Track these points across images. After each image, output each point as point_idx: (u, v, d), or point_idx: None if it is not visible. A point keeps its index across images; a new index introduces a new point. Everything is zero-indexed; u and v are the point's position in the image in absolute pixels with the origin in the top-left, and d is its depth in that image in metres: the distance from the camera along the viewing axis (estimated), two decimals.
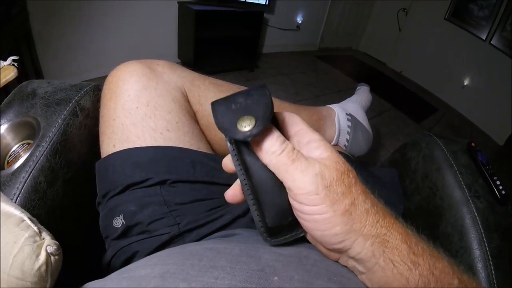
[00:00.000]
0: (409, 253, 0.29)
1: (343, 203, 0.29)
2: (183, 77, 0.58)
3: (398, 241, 0.29)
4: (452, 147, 0.71)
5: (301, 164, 0.29)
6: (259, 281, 0.29)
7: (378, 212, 0.30)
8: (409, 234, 0.30)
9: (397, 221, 0.31)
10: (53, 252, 0.32)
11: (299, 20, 3.58)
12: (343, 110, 0.90)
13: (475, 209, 0.60)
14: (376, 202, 0.31)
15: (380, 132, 2.33)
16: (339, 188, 0.29)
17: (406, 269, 0.28)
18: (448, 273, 0.29)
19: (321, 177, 0.29)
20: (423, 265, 0.29)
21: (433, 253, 0.30)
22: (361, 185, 0.31)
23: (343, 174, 0.30)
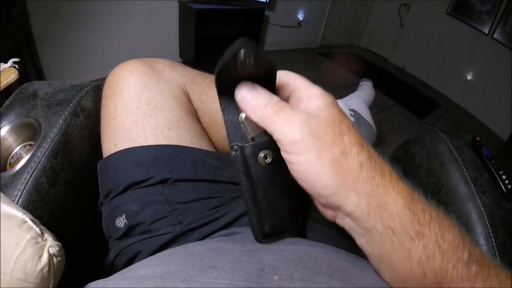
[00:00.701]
0: (413, 221, 0.26)
1: (331, 151, 0.27)
2: (184, 75, 0.58)
3: (399, 206, 0.27)
4: (456, 142, 0.71)
5: (285, 113, 0.29)
6: (258, 281, 0.29)
7: (375, 168, 0.28)
8: (414, 199, 0.28)
9: (400, 182, 0.28)
10: (55, 253, 0.32)
11: (300, 17, 3.57)
12: (346, 106, 0.90)
13: (481, 204, 0.59)
14: (375, 157, 0.29)
15: (382, 129, 2.32)
16: (328, 136, 0.28)
17: (408, 239, 0.26)
18: (457, 246, 0.26)
19: (307, 124, 0.28)
20: (429, 236, 0.26)
21: (443, 222, 0.27)
22: (358, 136, 0.29)
23: (334, 123, 0.28)
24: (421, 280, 0.27)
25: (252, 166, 0.33)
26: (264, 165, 0.33)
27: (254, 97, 0.31)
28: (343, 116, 0.29)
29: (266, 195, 0.35)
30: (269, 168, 0.34)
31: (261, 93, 0.31)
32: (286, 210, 0.36)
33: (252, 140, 0.33)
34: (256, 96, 0.31)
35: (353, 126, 0.29)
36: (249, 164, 0.33)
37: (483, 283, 0.26)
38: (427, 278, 0.26)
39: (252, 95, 0.31)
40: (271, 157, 0.33)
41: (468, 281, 0.25)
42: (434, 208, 0.28)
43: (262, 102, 0.30)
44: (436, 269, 0.26)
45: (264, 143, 0.33)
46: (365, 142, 0.29)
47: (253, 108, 0.31)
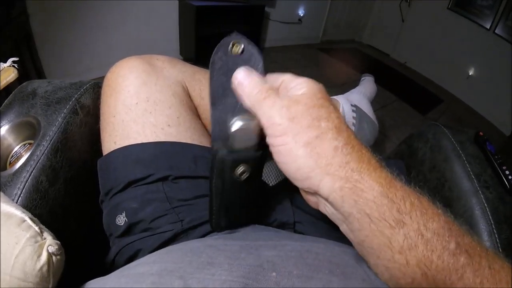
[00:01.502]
0: (391, 209, 0.26)
1: (306, 135, 0.28)
2: (184, 71, 0.57)
3: (376, 193, 0.27)
4: (459, 137, 0.70)
5: (271, 99, 0.30)
6: (256, 277, 0.29)
7: (350, 153, 0.28)
8: (394, 187, 0.27)
9: (379, 169, 0.28)
10: (54, 252, 0.32)
11: (300, 13, 3.56)
12: (347, 101, 0.89)
13: (484, 199, 0.59)
14: (354, 143, 0.29)
15: (385, 124, 2.31)
16: (304, 121, 0.29)
17: (387, 226, 0.26)
18: (443, 235, 0.26)
19: (287, 109, 0.29)
20: (410, 225, 0.26)
21: (426, 211, 0.27)
22: (337, 122, 0.30)
23: (313, 108, 0.29)
24: (404, 269, 0.27)
25: (226, 175, 0.35)
26: (239, 178, 0.35)
27: (249, 84, 0.32)
28: (325, 102, 0.30)
29: (231, 198, 0.37)
30: (242, 183, 0.36)
31: (255, 79, 0.32)
32: (244, 212, 0.40)
33: (234, 152, 0.34)
34: (250, 83, 0.32)
35: (334, 112, 0.30)
36: (224, 171, 0.35)
37: (473, 274, 0.25)
38: (411, 267, 0.26)
39: (248, 82, 0.32)
40: (248, 173, 0.35)
41: (456, 272, 0.25)
42: (417, 196, 0.28)
43: (254, 88, 0.32)
44: (420, 259, 0.26)
45: (248, 157, 0.34)
46: (345, 128, 0.30)
47: (247, 94, 0.32)
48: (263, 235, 0.42)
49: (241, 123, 0.33)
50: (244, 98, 0.32)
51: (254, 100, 0.31)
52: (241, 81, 0.33)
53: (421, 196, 0.28)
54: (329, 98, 0.31)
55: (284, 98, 0.30)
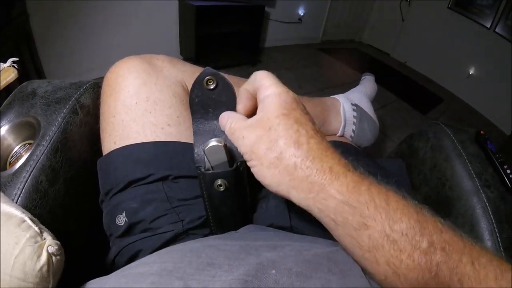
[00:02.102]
0: (354, 214, 0.28)
1: (267, 158, 0.32)
2: (184, 71, 0.57)
3: (336, 201, 0.29)
4: (460, 136, 0.70)
5: (236, 132, 0.36)
6: (256, 274, 0.29)
7: (310, 167, 0.30)
8: (357, 192, 0.29)
9: (343, 176, 0.30)
10: (54, 252, 0.31)
11: (301, 12, 3.56)
12: (348, 100, 0.89)
13: (485, 198, 0.59)
14: (313, 155, 0.31)
15: (385, 124, 2.31)
16: (263, 145, 0.32)
17: (352, 229, 0.29)
18: (412, 236, 0.27)
19: (247, 138, 0.34)
20: (374, 227, 0.28)
21: (395, 212, 0.28)
22: (295, 136, 0.32)
23: (269, 130, 0.32)
24: (376, 267, 0.29)
25: (210, 189, 0.41)
26: (219, 191, 0.41)
27: (223, 117, 0.39)
28: (282, 119, 0.32)
29: (218, 208, 0.44)
30: (223, 193, 0.41)
31: (225, 119, 0.38)
32: (232, 220, 0.46)
33: (213, 169, 0.41)
34: (224, 116, 0.39)
35: (294, 125, 0.32)
36: (208, 186, 0.41)
37: (450, 272, 0.26)
38: (381, 266, 0.28)
39: (224, 115, 0.39)
40: (225, 185, 0.41)
41: (429, 271, 0.26)
42: (385, 198, 0.29)
43: (225, 126, 0.38)
44: (388, 258, 0.27)
45: (221, 173, 0.40)
46: (305, 140, 0.32)
47: (223, 126, 0.38)
48: (263, 235, 0.42)
49: (212, 144, 0.38)
50: (225, 131, 0.38)
51: (229, 135, 0.37)
52: (222, 116, 0.39)
53: (391, 197, 0.29)
54: (295, 107, 0.34)
55: (246, 127, 0.34)
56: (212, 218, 0.46)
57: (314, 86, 2.72)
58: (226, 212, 0.45)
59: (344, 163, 0.32)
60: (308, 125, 0.33)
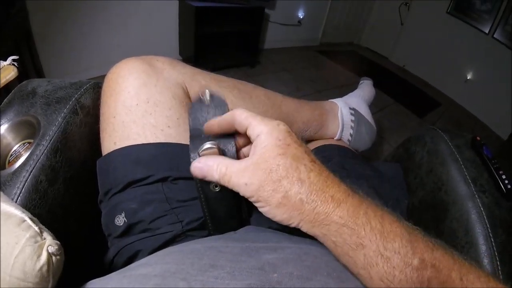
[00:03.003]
0: (352, 235, 0.31)
1: (274, 198, 0.33)
2: (184, 73, 0.58)
3: (338, 225, 0.32)
4: (457, 141, 0.71)
5: (234, 180, 0.35)
6: (258, 278, 0.30)
7: (315, 200, 0.32)
8: (355, 216, 0.32)
9: (344, 203, 0.32)
10: (54, 252, 0.32)
11: (300, 15, 3.56)
12: (346, 105, 0.89)
13: (480, 204, 0.59)
14: (316, 188, 0.33)
15: (382, 127, 2.32)
16: (268, 187, 0.33)
17: (350, 249, 0.31)
18: (405, 254, 0.29)
19: (250, 184, 0.34)
20: (369, 246, 0.30)
21: (389, 234, 0.31)
22: (296, 174, 0.33)
23: (270, 172, 0.33)
24: (370, 282, 0.31)
25: (206, 190, 0.42)
26: (214, 191, 0.42)
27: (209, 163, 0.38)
28: (281, 158, 0.34)
29: (215, 209, 0.45)
30: (218, 193, 0.42)
31: (215, 158, 0.38)
32: (230, 222, 0.47)
33: None
34: (210, 163, 0.38)
35: (292, 163, 0.34)
36: (204, 188, 0.42)
37: (440, 285, 0.29)
38: (375, 281, 0.30)
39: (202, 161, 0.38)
40: (219, 186, 0.41)
41: (420, 285, 0.29)
42: (380, 221, 0.32)
43: (216, 167, 0.37)
44: (382, 274, 0.30)
45: None
46: (305, 177, 0.33)
47: (211, 172, 0.37)
48: (262, 236, 0.43)
49: (206, 146, 0.39)
50: (210, 177, 0.38)
51: (225, 183, 0.37)
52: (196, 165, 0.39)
53: (385, 219, 0.32)
54: (289, 142, 0.35)
55: (243, 171, 0.35)
56: (210, 219, 0.46)
57: (312, 88, 2.72)
58: (223, 213, 0.46)
59: (344, 189, 0.34)
60: (305, 159, 0.34)
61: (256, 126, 0.36)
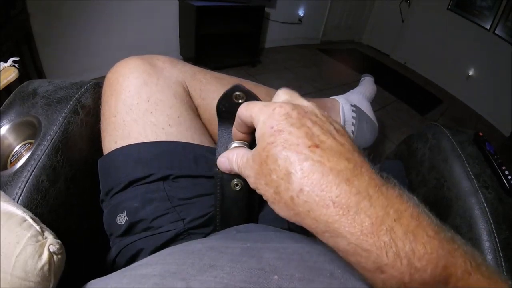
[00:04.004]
0: (368, 258, 0.24)
1: (269, 192, 0.29)
2: (184, 71, 0.58)
3: (347, 242, 0.24)
4: (459, 137, 0.70)
5: (243, 172, 0.33)
6: (258, 281, 0.29)
7: (307, 202, 0.26)
8: (374, 234, 0.23)
9: (351, 211, 0.24)
10: (55, 251, 0.32)
11: (301, 13, 3.56)
12: (347, 101, 0.89)
13: (483, 199, 0.59)
14: (309, 187, 0.25)
15: (384, 125, 2.31)
16: (262, 181, 0.29)
17: (365, 270, 0.25)
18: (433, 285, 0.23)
19: (248, 176, 0.32)
20: (392, 274, 0.23)
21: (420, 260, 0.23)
22: (283, 165, 0.27)
23: (261, 165, 0.29)
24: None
25: (226, 187, 0.43)
26: (234, 190, 0.42)
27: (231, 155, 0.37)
28: (271, 148, 0.28)
29: (229, 208, 0.45)
30: (238, 193, 0.43)
31: (230, 156, 0.37)
32: (238, 220, 0.47)
33: None
34: (230, 155, 0.37)
35: (279, 154, 0.27)
36: (224, 185, 0.42)
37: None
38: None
39: (225, 155, 0.38)
40: (241, 185, 0.42)
41: None
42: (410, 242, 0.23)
43: (234, 160, 0.36)
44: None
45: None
46: (295, 169, 0.26)
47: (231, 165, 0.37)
48: (264, 235, 0.42)
49: (235, 145, 0.39)
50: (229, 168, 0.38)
51: (237, 171, 0.36)
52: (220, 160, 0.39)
53: (419, 237, 0.24)
54: (282, 127, 0.28)
55: (246, 164, 0.33)
56: (220, 217, 0.46)
57: (313, 87, 2.72)
58: (235, 211, 0.46)
59: (359, 188, 0.25)
60: (300, 145, 0.27)
61: (255, 118, 0.32)
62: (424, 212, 0.26)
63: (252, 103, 0.34)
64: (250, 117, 0.33)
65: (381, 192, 0.25)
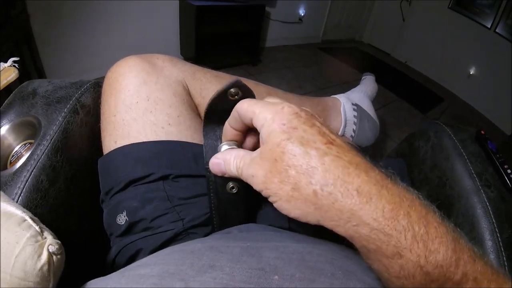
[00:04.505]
0: (388, 243, 0.26)
1: (284, 190, 0.29)
2: (184, 70, 0.57)
3: (370, 228, 0.26)
4: (461, 136, 0.70)
5: (244, 173, 0.33)
6: (258, 281, 0.28)
7: (333, 193, 0.27)
8: (394, 218, 0.25)
9: (376, 198, 0.26)
10: (55, 251, 0.31)
11: (301, 12, 3.55)
12: (348, 100, 0.89)
13: (486, 198, 0.59)
14: (333, 179, 0.27)
15: (385, 124, 2.31)
16: (275, 179, 0.29)
17: (384, 256, 0.26)
18: (447, 267, 0.25)
19: (256, 176, 0.31)
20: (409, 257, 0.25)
21: (433, 242, 0.25)
22: (303, 163, 0.27)
23: (275, 161, 0.29)
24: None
25: (220, 191, 0.40)
26: (230, 193, 0.40)
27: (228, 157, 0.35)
28: (287, 144, 0.28)
29: (226, 210, 0.44)
30: (235, 196, 0.40)
31: (233, 158, 0.35)
32: (236, 220, 0.45)
33: None
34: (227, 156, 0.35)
35: (298, 149, 0.28)
36: (218, 189, 0.40)
37: None
38: None
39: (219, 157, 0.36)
40: (238, 188, 0.39)
41: None
42: (425, 224, 0.26)
43: (233, 161, 0.34)
44: (417, 286, 0.26)
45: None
46: (317, 163, 0.27)
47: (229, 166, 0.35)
48: (264, 235, 0.42)
49: (227, 146, 0.37)
50: (227, 171, 0.35)
51: (238, 175, 0.34)
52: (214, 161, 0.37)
53: (430, 223, 0.26)
54: (295, 124, 0.29)
55: (251, 163, 0.32)
56: (217, 219, 0.45)
57: (314, 86, 2.72)
58: (233, 214, 0.45)
59: (377, 177, 0.27)
60: (317, 141, 0.28)
61: (259, 115, 0.31)
62: (427, 204, 0.28)
63: (254, 100, 0.34)
64: (252, 113, 0.32)
65: (393, 184, 0.28)
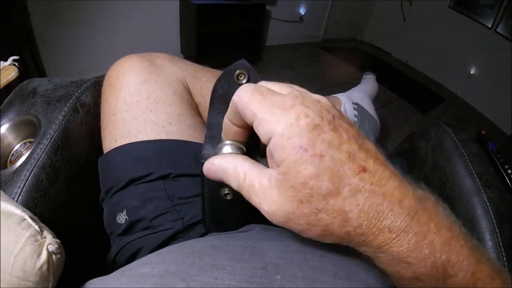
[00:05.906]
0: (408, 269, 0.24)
1: (312, 231, 0.25)
2: (184, 69, 0.57)
3: (391, 257, 0.24)
4: (461, 136, 0.70)
5: (254, 200, 0.27)
6: (260, 281, 0.28)
7: (364, 234, 0.24)
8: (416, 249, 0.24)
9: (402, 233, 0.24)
10: (54, 251, 0.31)
11: (302, 11, 3.55)
12: (349, 99, 0.89)
13: (486, 199, 0.59)
14: (367, 220, 0.24)
15: (386, 123, 2.31)
16: (300, 221, 0.25)
17: (401, 279, 0.25)
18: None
19: (273, 215, 0.26)
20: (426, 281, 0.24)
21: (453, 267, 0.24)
22: (338, 203, 0.24)
23: (298, 205, 0.24)
24: None
25: (214, 195, 0.35)
26: (225, 199, 0.34)
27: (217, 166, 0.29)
28: (313, 179, 0.23)
29: (220, 214, 0.41)
30: (228, 202, 0.35)
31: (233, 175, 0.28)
32: (232, 224, 0.43)
33: None
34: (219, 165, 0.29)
35: (331, 187, 0.23)
36: (212, 193, 0.35)
37: None
38: None
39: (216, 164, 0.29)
40: (233, 194, 0.33)
41: None
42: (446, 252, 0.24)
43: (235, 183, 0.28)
44: None
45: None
46: (352, 204, 0.24)
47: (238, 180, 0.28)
48: (265, 234, 0.42)
49: (229, 149, 0.30)
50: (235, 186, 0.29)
51: (242, 192, 0.28)
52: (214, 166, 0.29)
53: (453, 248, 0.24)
54: (322, 149, 0.23)
55: (269, 190, 0.26)
56: (210, 222, 0.42)
57: (315, 85, 2.71)
58: (227, 219, 0.42)
59: (408, 207, 0.24)
60: (347, 169, 0.23)
61: (264, 123, 0.25)
62: (454, 221, 0.26)
63: (256, 90, 0.26)
64: (253, 115, 0.25)
65: (423, 207, 0.24)
